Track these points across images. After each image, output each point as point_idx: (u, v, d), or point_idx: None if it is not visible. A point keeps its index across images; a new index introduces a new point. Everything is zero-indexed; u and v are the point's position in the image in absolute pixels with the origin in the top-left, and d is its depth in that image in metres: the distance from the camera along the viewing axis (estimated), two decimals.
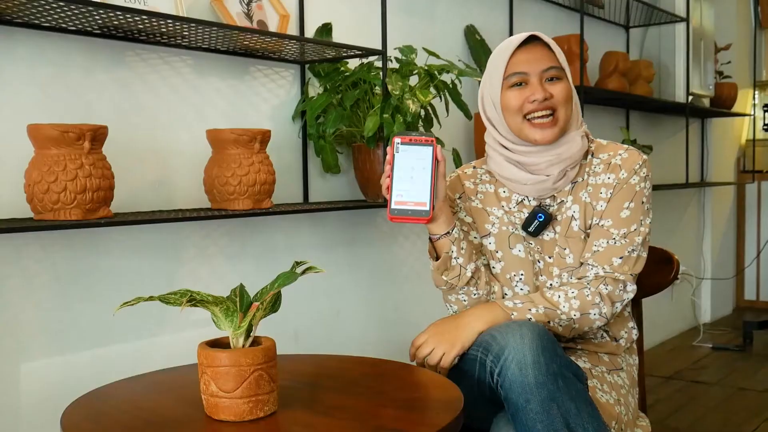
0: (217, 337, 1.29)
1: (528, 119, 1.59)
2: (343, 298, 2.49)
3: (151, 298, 1.20)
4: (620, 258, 1.58)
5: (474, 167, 1.77)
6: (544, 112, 1.58)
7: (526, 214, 1.66)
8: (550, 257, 1.65)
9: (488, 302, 1.59)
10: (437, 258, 1.62)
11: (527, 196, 1.67)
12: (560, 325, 1.54)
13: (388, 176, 1.47)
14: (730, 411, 3.31)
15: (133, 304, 1.19)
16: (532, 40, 1.60)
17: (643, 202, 1.61)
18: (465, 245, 1.60)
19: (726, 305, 5.40)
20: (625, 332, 1.69)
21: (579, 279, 1.60)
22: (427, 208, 1.46)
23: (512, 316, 1.52)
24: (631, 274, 1.59)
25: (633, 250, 1.59)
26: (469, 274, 1.60)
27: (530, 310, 1.53)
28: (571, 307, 1.54)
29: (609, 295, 1.56)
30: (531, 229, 1.64)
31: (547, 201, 1.66)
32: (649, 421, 1.71)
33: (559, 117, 1.59)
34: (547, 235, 1.65)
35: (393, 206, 1.46)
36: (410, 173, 1.46)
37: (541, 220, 1.63)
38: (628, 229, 1.59)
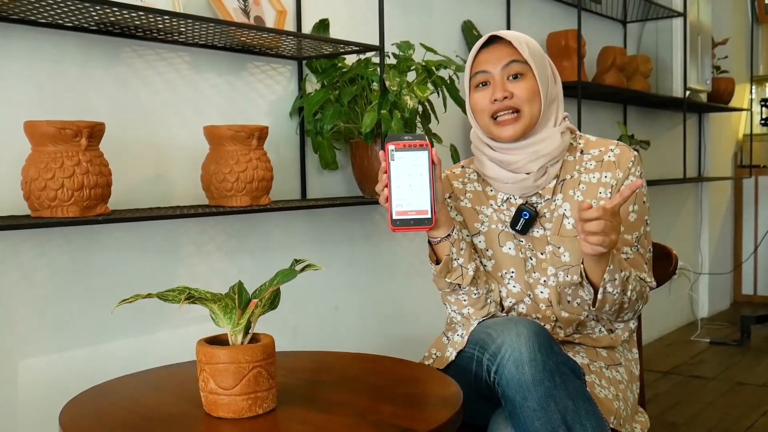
0: (216, 334, 1.28)
1: (494, 118, 1.60)
2: (342, 294, 2.49)
3: (149, 296, 1.20)
4: (645, 264, 1.62)
5: (462, 167, 1.78)
6: (506, 111, 1.58)
7: (513, 212, 1.66)
8: (542, 254, 1.65)
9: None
10: (437, 261, 1.61)
11: (512, 195, 1.67)
12: (622, 299, 1.51)
13: (386, 186, 1.43)
14: (728, 405, 3.32)
15: (131, 302, 1.19)
16: (495, 40, 1.60)
17: (644, 202, 1.63)
18: (464, 245, 1.59)
19: (723, 300, 5.41)
20: (622, 323, 1.70)
21: None
22: (429, 215, 1.43)
23: (609, 268, 1.45)
24: (654, 281, 1.64)
25: (649, 251, 1.64)
26: (471, 273, 1.60)
27: (621, 271, 1.47)
28: (635, 288, 1.54)
29: (647, 297, 1.61)
30: (518, 227, 1.64)
31: (533, 199, 1.66)
32: (648, 416, 1.71)
33: (524, 114, 1.58)
34: (537, 232, 1.65)
35: (395, 217, 1.43)
36: (408, 180, 1.42)
37: (526, 217, 1.63)
38: (639, 232, 1.61)
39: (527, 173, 1.61)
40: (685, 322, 4.92)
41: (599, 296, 1.49)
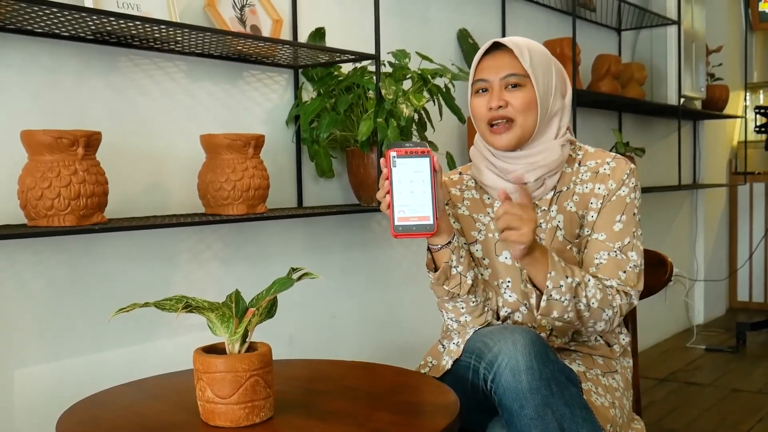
0: (213, 343, 1.28)
1: (490, 125, 1.60)
2: (338, 302, 2.49)
3: (146, 305, 1.20)
4: (624, 272, 1.59)
5: (460, 173, 1.77)
6: (500, 120, 1.58)
7: None
8: None
9: (543, 254, 1.52)
10: (435, 269, 1.61)
11: None
12: (580, 306, 1.52)
13: (388, 192, 1.42)
14: (725, 412, 3.32)
15: (128, 311, 1.19)
16: (500, 46, 1.60)
17: (634, 214, 1.61)
18: (464, 253, 1.59)
19: (719, 306, 5.42)
20: (617, 339, 1.70)
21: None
22: (431, 222, 1.42)
23: (549, 275, 1.48)
24: (636, 289, 1.60)
25: (635, 265, 1.59)
26: (470, 282, 1.59)
27: (567, 277, 1.50)
28: (594, 295, 1.53)
29: (620, 306, 1.57)
30: None
31: None
32: (644, 423, 1.72)
33: (516, 123, 1.58)
34: None
35: (396, 223, 1.42)
36: (409, 187, 1.42)
37: None
38: (622, 242, 1.59)
39: (524, 183, 1.61)
40: (680, 329, 4.93)
41: (543, 303, 1.51)
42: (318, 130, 2.24)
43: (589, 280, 1.54)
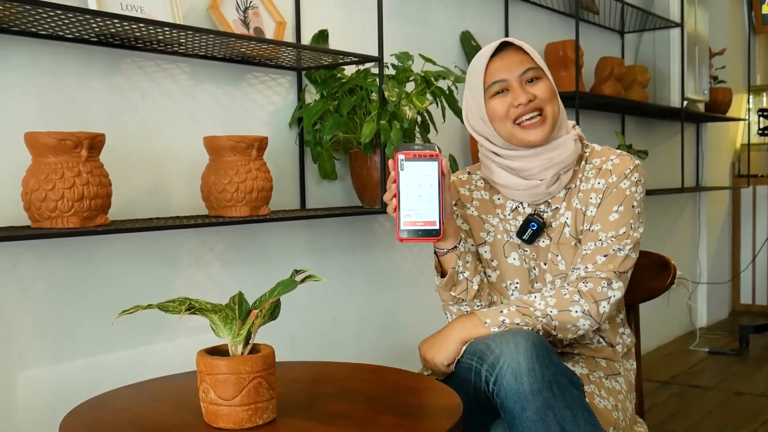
0: (216, 345, 1.29)
1: (517, 123, 1.59)
2: (340, 304, 2.49)
3: (149, 307, 1.20)
4: (604, 256, 1.55)
5: (469, 173, 1.77)
6: (531, 114, 1.58)
7: (521, 222, 1.66)
8: (544, 264, 1.65)
9: (468, 314, 1.59)
10: (442, 272, 1.61)
11: (521, 203, 1.67)
12: (539, 321, 1.52)
13: (394, 195, 1.42)
14: (727, 415, 3.32)
15: (131, 313, 1.19)
16: (504, 47, 1.61)
17: (633, 206, 1.59)
18: (470, 258, 1.59)
19: (722, 309, 5.41)
20: (620, 339, 1.70)
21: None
22: (438, 227, 1.42)
23: (486, 324, 1.51)
24: (614, 271, 1.55)
25: (620, 249, 1.56)
26: (476, 287, 1.59)
27: (502, 311, 1.53)
28: (547, 304, 1.53)
29: (590, 293, 1.53)
30: (525, 237, 1.64)
31: (542, 207, 1.66)
32: (647, 426, 1.71)
33: (547, 114, 1.58)
34: (542, 242, 1.65)
35: (402, 227, 1.41)
36: (417, 191, 1.41)
37: (534, 228, 1.63)
38: (616, 232, 1.57)
39: (540, 180, 1.61)
40: (683, 332, 4.92)
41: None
42: (321, 132, 2.24)
43: (534, 297, 1.55)
